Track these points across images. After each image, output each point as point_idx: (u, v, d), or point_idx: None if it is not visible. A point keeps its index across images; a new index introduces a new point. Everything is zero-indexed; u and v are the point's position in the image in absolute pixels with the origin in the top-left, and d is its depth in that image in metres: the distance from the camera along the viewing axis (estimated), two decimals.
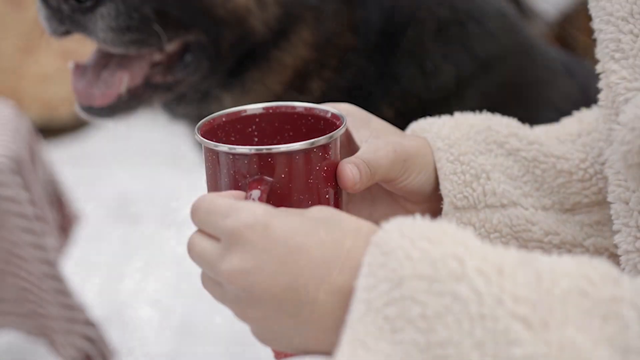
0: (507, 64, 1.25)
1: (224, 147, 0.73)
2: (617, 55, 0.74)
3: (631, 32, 0.74)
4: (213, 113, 0.81)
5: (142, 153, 2.78)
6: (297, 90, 1.22)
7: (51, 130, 2.89)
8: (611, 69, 0.75)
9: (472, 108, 0.97)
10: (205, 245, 0.67)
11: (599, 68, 0.82)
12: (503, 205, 0.85)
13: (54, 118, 2.92)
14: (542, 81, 1.28)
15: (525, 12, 2.43)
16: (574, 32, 2.48)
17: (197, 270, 0.69)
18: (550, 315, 0.56)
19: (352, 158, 0.78)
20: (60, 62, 2.75)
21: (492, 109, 0.96)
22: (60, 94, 2.88)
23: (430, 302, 0.58)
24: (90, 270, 2.11)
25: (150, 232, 2.32)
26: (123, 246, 2.27)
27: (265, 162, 0.72)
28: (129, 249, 2.26)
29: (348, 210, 0.85)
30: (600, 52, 0.79)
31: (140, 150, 2.80)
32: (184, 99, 1.26)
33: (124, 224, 2.38)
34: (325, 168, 0.75)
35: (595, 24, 0.78)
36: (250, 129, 0.82)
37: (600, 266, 0.59)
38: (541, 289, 0.57)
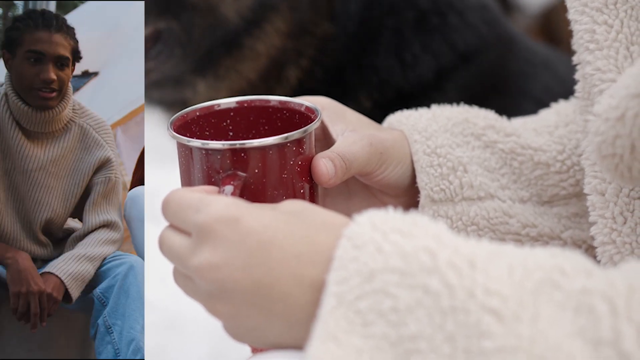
0: (487, 56, 1.25)
1: (196, 143, 0.73)
2: (591, 46, 0.74)
3: (605, 22, 0.73)
4: (187, 98, 0.80)
5: None
6: (273, 78, 1.21)
7: None
8: (586, 60, 0.74)
9: (452, 100, 0.97)
10: (176, 240, 0.66)
11: (575, 59, 0.81)
12: (480, 198, 0.84)
13: None
14: (522, 74, 1.28)
15: (509, 4, 2.43)
16: (559, 25, 2.47)
17: None
18: (522, 308, 0.55)
19: (326, 152, 0.77)
20: None
21: (472, 101, 0.95)
22: None
23: (402, 296, 0.57)
24: None
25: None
26: None
27: (238, 158, 0.72)
28: None
29: (325, 204, 0.84)
30: (575, 43, 0.78)
31: None
32: (157, 83, 1.24)
33: None
34: (300, 163, 0.75)
35: (571, 15, 0.78)
36: (224, 123, 0.82)
37: (573, 257, 0.58)
38: (513, 282, 0.56)
